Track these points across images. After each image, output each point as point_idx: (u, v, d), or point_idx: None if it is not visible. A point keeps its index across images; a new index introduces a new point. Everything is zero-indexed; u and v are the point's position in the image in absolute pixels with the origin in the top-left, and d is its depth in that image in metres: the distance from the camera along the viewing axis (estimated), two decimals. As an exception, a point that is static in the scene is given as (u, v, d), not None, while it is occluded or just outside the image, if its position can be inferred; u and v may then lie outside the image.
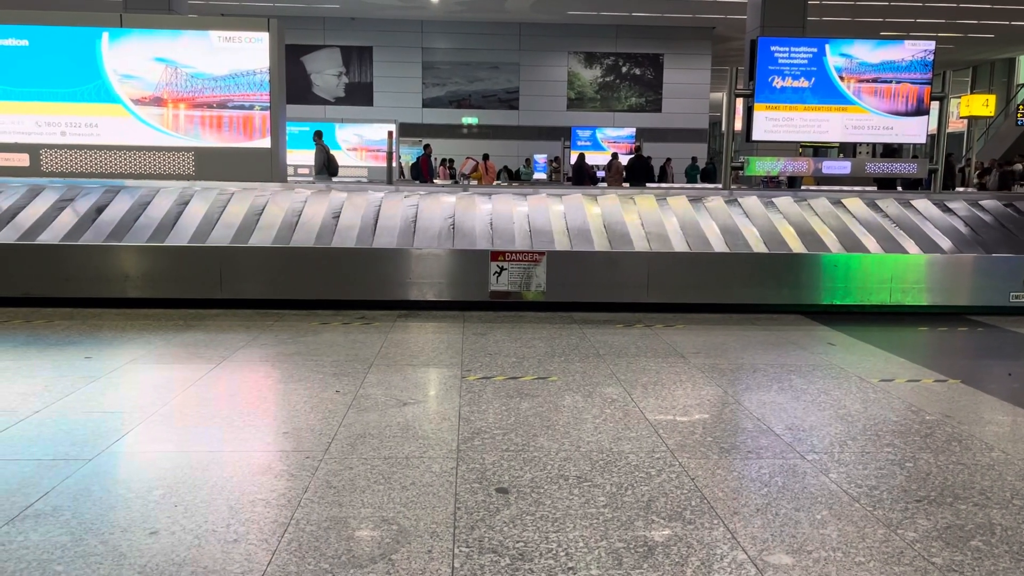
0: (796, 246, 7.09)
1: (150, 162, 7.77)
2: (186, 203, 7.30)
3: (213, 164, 7.79)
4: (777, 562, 2.48)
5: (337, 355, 5.15)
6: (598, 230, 7.19)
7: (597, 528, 2.69)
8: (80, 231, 6.90)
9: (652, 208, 7.54)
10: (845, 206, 7.80)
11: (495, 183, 17.80)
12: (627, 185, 15.66)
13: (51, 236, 6.83)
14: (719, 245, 7.06)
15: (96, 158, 7.75)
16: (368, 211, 7.32)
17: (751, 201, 7.77)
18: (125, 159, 7.76)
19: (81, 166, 7.76)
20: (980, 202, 8.10)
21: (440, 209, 7.42)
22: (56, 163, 7.74)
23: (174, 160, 7.79)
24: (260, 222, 7.09)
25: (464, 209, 7.43)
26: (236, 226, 7.01)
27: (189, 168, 7.81)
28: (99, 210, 7.17)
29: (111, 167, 7.76)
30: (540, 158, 23.33)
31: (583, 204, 7.57)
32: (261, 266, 6.71)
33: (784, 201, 7.81)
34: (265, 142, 7.82)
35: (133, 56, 7.65)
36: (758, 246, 7.06)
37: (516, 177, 22.05)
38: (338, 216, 7.23)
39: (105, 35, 7.62)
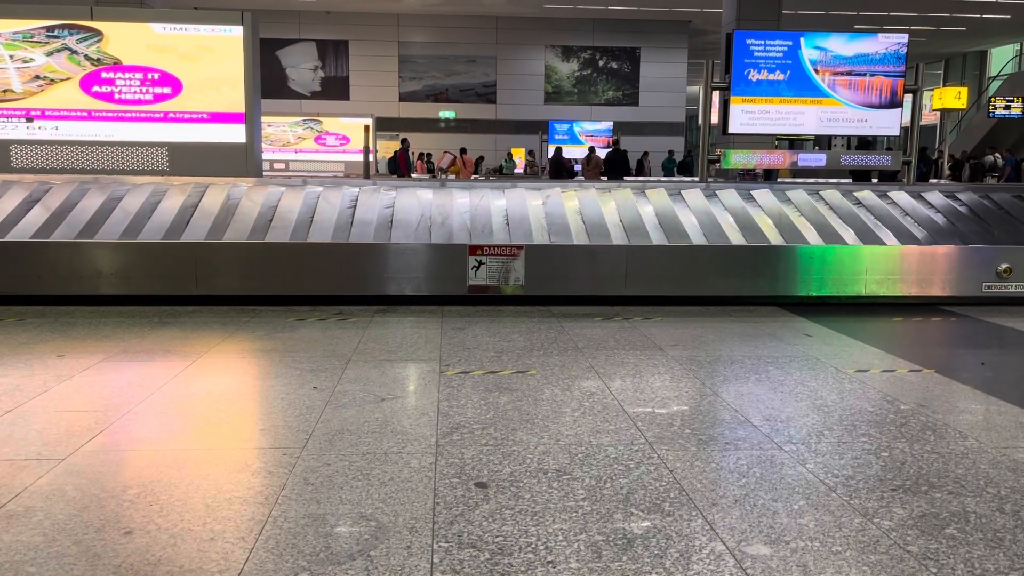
0: (773, 238, 7.13)
1: (124, 157, 7.67)
2: (161, 199, 7.21)
3: (188, 159, 7.70)
4: (755, 552, 2.49)
5: (314, 351, 5.11)
6: (578, 224, 7.18)
7: (576, 521, 2.69)
8: (52, 227, 6.80)
9: (628, 198, 7.55)
10: (822, 198, 7.86)
11: (472, 177, 17.76)
12: (605, 179, 15.68)
13: (22, 233, 6.72)
14: (696, 238, 7.08)
15: (68, 153, 7.63)
16: (346, 206, 7.27)
17: (728, 194, 7.81)
18: (99, 154, 7.65)
19: (52, 162, 7.63)
20: (955, 194, 8.19)
21: (420, 204, 7.38)
22: (26, 159, 7.62)
23: (148, 155, 7.68)
24: (276, 218, 7.02)
25: (443, 203, 7.40)
26: (225, 222, 6.93)
27: (163, 163, 7.71)
28: (72, 206, 7.07)
29: (83, 162, 7.65)
30: (519, 159, 22.78)
31: (562, 198, 7.56)
32: (237, 262, 6.65)
33: (760, 193, 7.85)
34: (240, 136, 7.74)
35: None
36: (735, 238, 7.10)
37: (499, 171, 21.90)
38: (354, 213, 7.18)
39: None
